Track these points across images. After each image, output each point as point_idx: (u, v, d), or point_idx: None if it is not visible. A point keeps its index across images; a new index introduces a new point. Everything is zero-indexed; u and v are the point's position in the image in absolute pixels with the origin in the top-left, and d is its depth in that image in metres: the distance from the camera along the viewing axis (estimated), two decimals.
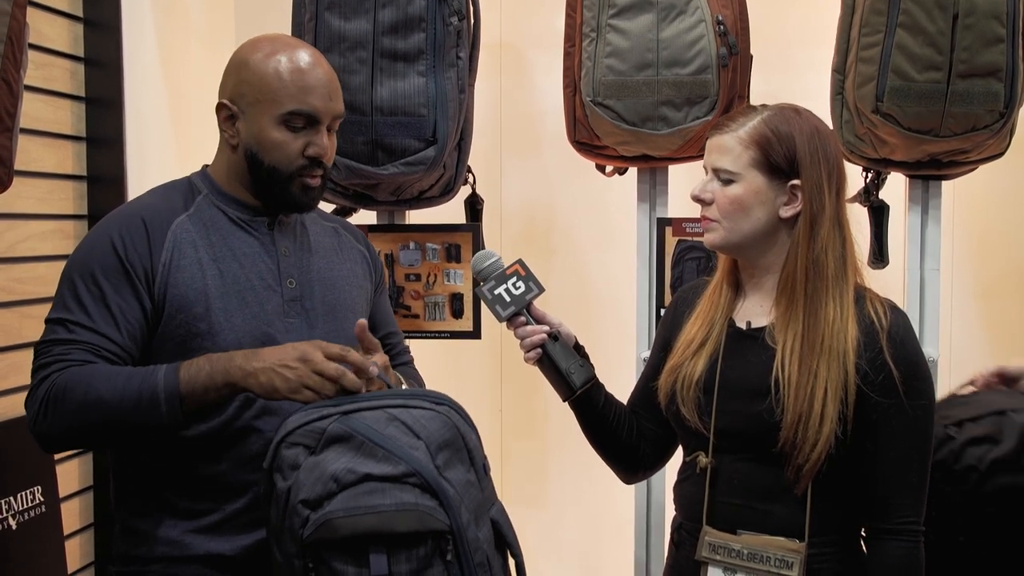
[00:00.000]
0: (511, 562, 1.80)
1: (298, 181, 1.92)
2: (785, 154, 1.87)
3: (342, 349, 1.74)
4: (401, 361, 2.18)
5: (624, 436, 2.07)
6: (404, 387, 1.94)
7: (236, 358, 1.74)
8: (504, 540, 1.78)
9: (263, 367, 1.72)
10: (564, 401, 2.05)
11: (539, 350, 1.99)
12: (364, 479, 1.63)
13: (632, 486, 2.74)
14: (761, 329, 1.91)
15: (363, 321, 1.89)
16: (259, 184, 1.93)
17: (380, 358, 1.88)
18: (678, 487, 2.02)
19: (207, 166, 2.02)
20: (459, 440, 1.72)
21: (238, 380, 1.73)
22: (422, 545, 1.62)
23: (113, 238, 1.87)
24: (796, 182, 1.87)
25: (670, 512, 2.10)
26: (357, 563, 1.61)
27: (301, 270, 1.98)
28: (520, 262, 2.03)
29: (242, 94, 1.91)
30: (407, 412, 1.70)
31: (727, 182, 1.90)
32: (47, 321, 1.86)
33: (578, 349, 2.05)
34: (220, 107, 1.93)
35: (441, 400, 1.75)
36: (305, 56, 1.93)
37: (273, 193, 1.94)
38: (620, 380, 2.28)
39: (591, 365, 2.04)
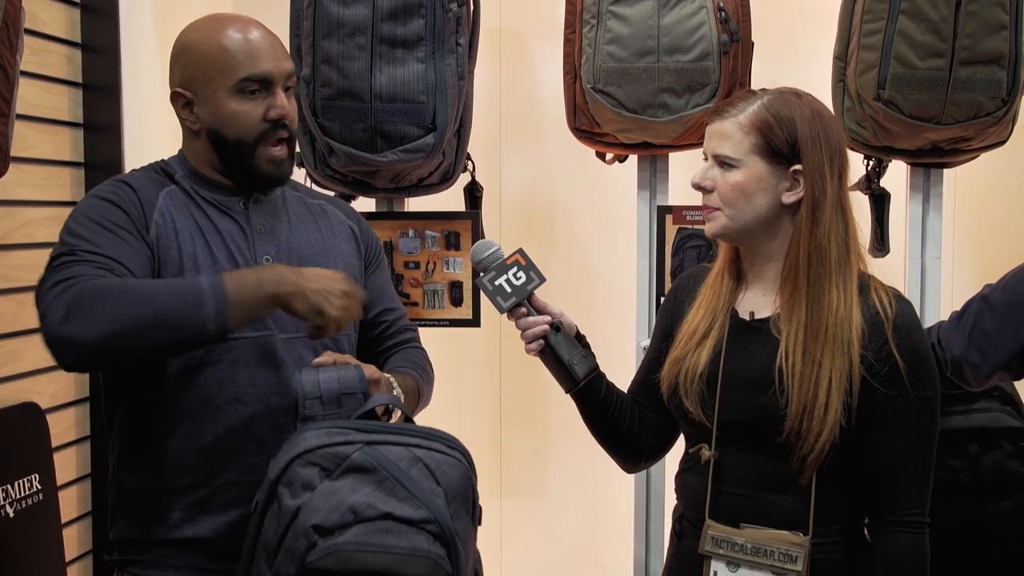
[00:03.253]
0: None
1: (264, 153, 1.93)
2: (786, 139, 1.85)
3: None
4: (402, 339, 2.17)
5: (626, 426, 2.06)
6: (396, 390, 1.93)
7: (285, 273, 1.75)
8: None
9: (317, 288, 1.75)
10: (567, 392, 2.03)
11: (541, 341, 1.98)
12: (384, 517, 1.61)
13: (632, 475, 2.74)
14: (765, 320, 1.90)
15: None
16: (227, 162, 1.95)
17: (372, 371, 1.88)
18: (680, 477, 2.01)
19: (182, 151, 2.02)
20: (469, 491, 1.72)
21: (283, 293, 1.74)
22: None
23: (106, 196, 1.88)
24: (798, 167, 1.86)
25: (670, 501, 2.09)
26: None
27: (278, 246, 1.98)
28: (520, 252, 2.01)
29: (191, 78, 1.92)
30: (430, 455, 1.68)
31: (728, 168, 1.88)
32: (49, 263, 1.78)
33: (580, 339, 2.03)
34: (175, 96, 1.94)
35: (454, 444, 1.73)
36: (244, 24, 1.95)
37: (242, 169, 1.94)
38: (620, 368, 2.27)
39: (593, 355, 2.03)
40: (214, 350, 1.86)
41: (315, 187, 2.75)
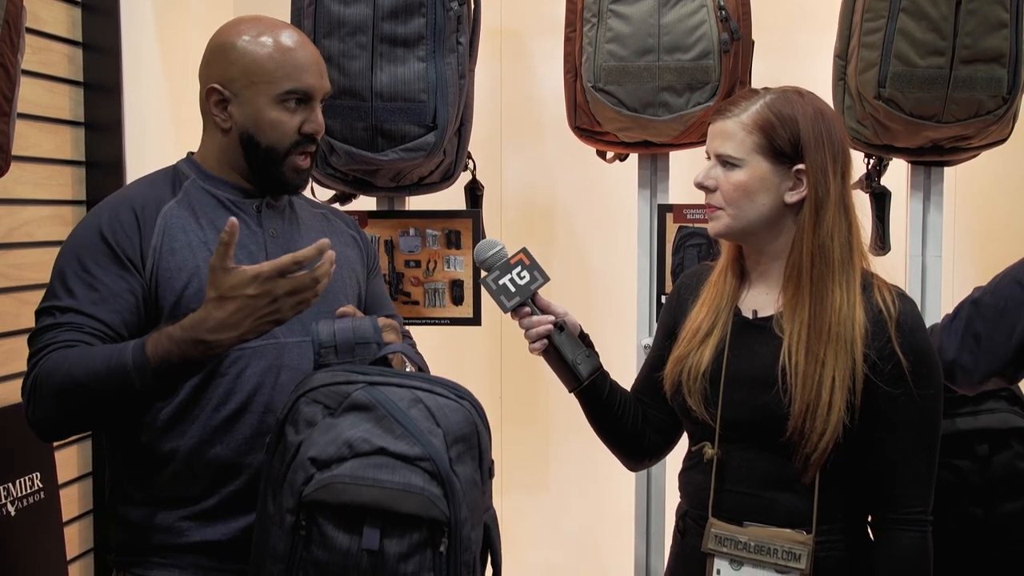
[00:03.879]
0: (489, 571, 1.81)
1: (291, 161, 1.94)
2: (789, 138, 1.85)
3: (289, 260, 1.68)
4: None
5: (630, 424, 2.06)
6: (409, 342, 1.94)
7: (205, 337, 1.67)
8: (490, 547, 1.78)
9: (248, 329, 1.68)
10: (570, 392, 2.03)
11: (545, 341, 1.98)
12: (378, 452, 1.64)
13: (633, 473, 2.74)
14: (768, 318, 1.90)
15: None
16: (253, 166, 1.95)
17: (393, 334, 1.89)
18: (683, 475, 2.01)
19: (192, 153, 2.02)
20: (474, 437, 1.72)
21: (222, 352, 1.72)
22: (417, 531, 1.62)
23: (101, 225, 1.87)
24: (801, 166, 1.86)
25: (671, 499, 2.09)
26: (349, 532, 1.62)
27: (290, 252, 1.97)
28: (524, 251, 2.01)
29: (233, 77, 1.91)
30: (432, 398, 1.71)
31: (731, 168, 1.88)
32: (37, 313, 1.85)
33: (583, 338, 2.04)
34: (210, 91, 1.93)
35: (463, 395, 1.76)
36: (292, 35, 1.95)
37: (267, 174, 1.95)
38: (620, 367, 2.27)
39: (596, 354, 2.03)
40: (220, 361, 1.86)
41: (316, 186, 2.75)
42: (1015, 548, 2.20)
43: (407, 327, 2.29)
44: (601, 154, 2.93)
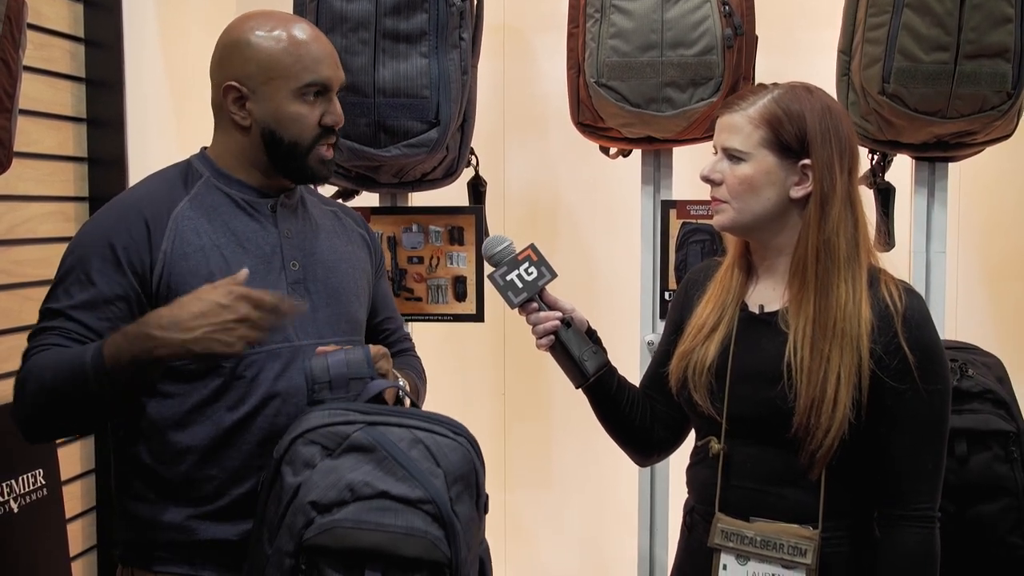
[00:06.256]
0: None
1: (315, 153, 1.93)
2: (796, 133, 1.85)
3: (267, 297, 1.71)
4: (401, 348, 2.18)
5: (638, 420, 2.06)
6: (401, 382, 1.92)
7: (153, 332, 1.68)
8: None
9: (196, 337, 1.67)
10: (577, 388, 2.03)
11: (551, 337, 1.97)
12: (380, 495, 1.62)
13: (637, 467, 2.74)
14: (774, 313, 1.90)
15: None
16: (276, 161, 1.93)
17: (386, 363, 1.87)
18: (690, 470, 2.01)
19: (205, 148, 2.00)
20: (473, 475, 1.71)
21: (164, 356, 1.69)
22: (418, 573, 1.61)
23: (109, 231, 1.86)
24: (807, 161, 1.85)
25: (675, 493, 2.09)
26: None
27: (304, 252, 1.97)
28: (532, 247, 2.01)
29: (250, 74, 1.89)
30: (431, 437, 1.69)
31: (737, 162, 1.88)
32: (40, 317, 1.87)
33: (590, 334, 2.03)
34: (227, 89, 1.91)
35: (459, 431, 1.74)
36: (304, 28, 1.94)
37: (291, 168, 1.93)
38: (624, 363, 2.26)
39: (604, 350, 2.02)
40: (237, 363, 1.85)
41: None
42: (992, 549, 2.20)
43: (408, 323, 2.28)
44: (604, 150, 2.92)
